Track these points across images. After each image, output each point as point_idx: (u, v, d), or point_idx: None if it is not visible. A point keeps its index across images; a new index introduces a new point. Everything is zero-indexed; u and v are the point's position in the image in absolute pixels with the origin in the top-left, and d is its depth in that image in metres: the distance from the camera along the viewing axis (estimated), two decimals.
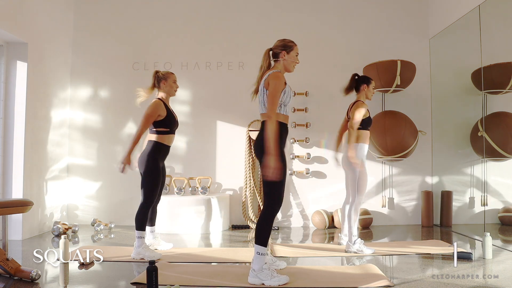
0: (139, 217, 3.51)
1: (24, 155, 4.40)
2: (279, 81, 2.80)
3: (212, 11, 5.56)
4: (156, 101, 3.62)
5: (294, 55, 2.97)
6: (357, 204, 3.79)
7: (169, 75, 3.71)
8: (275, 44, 3.00)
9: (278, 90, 2.78)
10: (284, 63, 2.95)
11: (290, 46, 2.96)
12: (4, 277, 2.91)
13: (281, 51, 2.94)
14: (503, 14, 4.51)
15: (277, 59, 2.95)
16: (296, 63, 2.99)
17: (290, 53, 2.95)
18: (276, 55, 2.96)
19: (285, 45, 2.96)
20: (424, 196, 5.33)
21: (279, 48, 2.95)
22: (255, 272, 2.76)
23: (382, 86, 5.08)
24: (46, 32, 4.86)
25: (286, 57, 2.94)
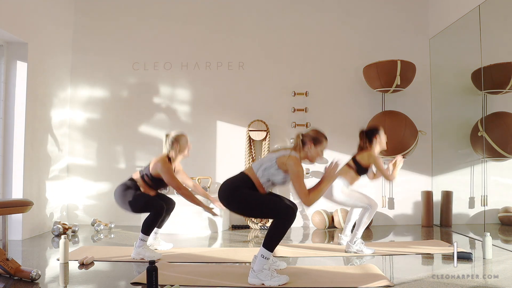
0: (148, 223, 3.50)
1: (24, 155, 4.41)
2: (301, 168, 2.84)
3: (212, 11, 5.56)
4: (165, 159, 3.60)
5: (319, 150, 3.00)
6: (373, 212, 3.78)
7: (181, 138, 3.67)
8: (307, 132, 3.05)
9: (301, 174, 2.83)
10: (308, 153, 2.98)
11: (320, 141, 2.99)
12: (4, 277, 2.91)
13: (309, 142, 2.97)
14: (503, 14, 4.51)
15: (304, 147, 2.98)
16: (319, 158, 3.02)
17: (317, 147, 2.98)
18: (304, 143, 2.98)
19: (316, 138, 2.99)
20: (424, 196, 5.33)
21: (308, 138, 2.99)
22: (255, 272, 2.76)
23: (382, 86, 5.08)
24: (46, 32, 4.86)
25: (312, 149, 2.97)
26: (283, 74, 5.49)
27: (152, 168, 3.58)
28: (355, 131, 5.29)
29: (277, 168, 2.86)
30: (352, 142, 5.21)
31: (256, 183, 2.89)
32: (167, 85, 5.52)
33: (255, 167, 2.93)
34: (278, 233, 2.76)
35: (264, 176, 2.88)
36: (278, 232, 2.76)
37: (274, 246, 2.77)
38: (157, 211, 3.48)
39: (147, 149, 5.42)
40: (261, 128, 5.32)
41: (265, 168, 2.88)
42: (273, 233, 2.76)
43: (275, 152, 2.97)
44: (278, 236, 2.76)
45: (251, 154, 5.33)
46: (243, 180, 2.90)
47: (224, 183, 2.94)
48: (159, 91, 5.49)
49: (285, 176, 2.88)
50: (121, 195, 3.59)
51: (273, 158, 2.89)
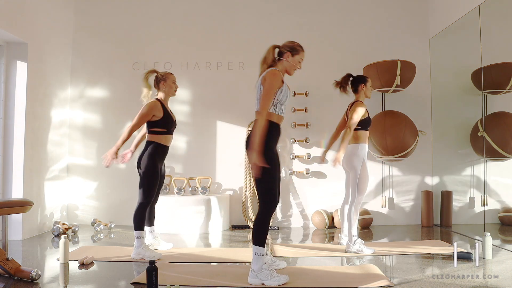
0: (137, 217, 3.51)
1: (24, 155, 4.41)
2: (276, 79, 2.78)
3: (212, 11, 5.56)
4: (153, 101, 3.61)
5: (298, 60, 2.94)
6: (357, 204, 3.80)
7: (168, 76, 3.71)
8: (284, 43, 2.97)
9: (273, 87, 2.76)
10: (285, 65, 2.93)
11: (297, 50, 2.94)
12: (4, 277, 2.91)
13: (287, 52, 2.92)
14: (503, 14, 4.51)
15: (281, 58, 2.93)
16: (297, 68, 2.97)
17: (295, 57, 2.93)
18: (281, 54, 2.93)
19: (293, 47, 2.94)
20: (424, 196, 5.33)
21: (286, 48, 2.93)
22: (255, 272, 2.76)
23: (382, 86, 5.08)
24: (46, 32, 4.86)
25: (290, 59, 2.91)
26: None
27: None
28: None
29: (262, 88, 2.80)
30: None
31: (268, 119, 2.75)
32: None
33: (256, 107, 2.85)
34: (261, 224, 2.77)
35: None
36: (262, 223, 2.78)
37: (263, 241, 2.77)
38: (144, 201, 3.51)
39: None
40: None
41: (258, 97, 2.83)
42: (257, 227, 2.78)
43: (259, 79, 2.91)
44: (262, 228, 2.77)
45: None
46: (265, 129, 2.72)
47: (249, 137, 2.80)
48: None
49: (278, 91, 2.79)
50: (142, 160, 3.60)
51: (258, 83, 2.85)
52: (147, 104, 3.60)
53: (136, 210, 3.53)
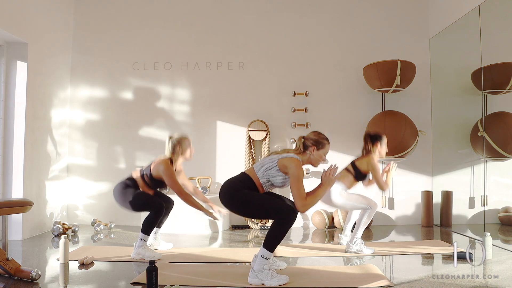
0: (148, 222, 3.50)
1: (24, 155, 4.41)
2: (301, 170, 2.85)
3: (212, 12, 5.56)
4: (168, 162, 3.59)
5: (323, 154, 3.00)
6: (373, 212, 3.78)
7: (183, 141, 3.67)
8: (309, 135, 3.02)
9: (302, 177, 2.84)
10: (310, 157, 2.98)
11: (322, 144, 2.98)
12: (4, 277, 2.91)
13: (312, 146, 2.96)
14: (503, 14, 4.51)
15: (306, 150, 2.98)
16: (322, 161, 3.02)
17: (320, 151, 2.98)
18: (306, 147, 2.97)
19: (318, 141, 2.98)
20: (424, 196, 5.33)
21: (310, 142, 2.98)
22: (255, 272, 2.76)
23: (382, 86, 5.08)
24: (46, 32, 4.86)
25: (314, 153, 2.96)
26: (283, 74, 5.49)
27: (154, 169, 3.59)
28: (355, 131, 5.33)
29: (277, 169, 2.86)
30: (352, 142, 5.24)
31: (256, 183, 2.89)
32: (167, 85, 5.51)
33: (256, 167, 2.94)
34: (278, 234, 2.75)
35: (264, 176, 2.88)
36: (279, 233, 2.75)
37: (274, 247, 2.77)
38: (157, 209, 3.48)
39: (147, 149, 5.42)
40: (261, 128, 5.32)
41: (266, 169, 2.88)
42: (274, 233, 2.76)
43: (277, 153, 2.96)
44: (278, 237, 2.75)
45: (251, 154, 5.33)
46: (244, 180, 2.90)
47: (225, 183, 2.94)
48: (159, 91, 5.49)
49: (285, 178, 2.88)
50: (121, 193, 3.59)
51: (275, 159, 2.89)
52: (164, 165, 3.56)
53: (149, 216, 3.51)
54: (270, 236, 2.76)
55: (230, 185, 2.91)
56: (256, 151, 5.41)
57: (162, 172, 3.53)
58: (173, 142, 3.65)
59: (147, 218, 3.50)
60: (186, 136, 3.74)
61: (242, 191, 2.85)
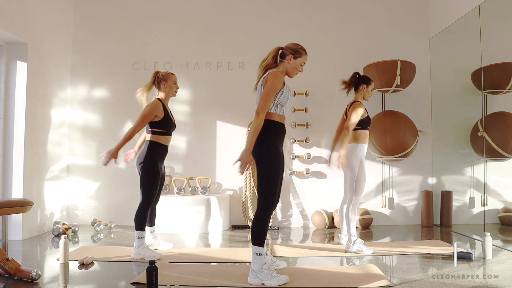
0: (139, 217, 3.52)
1: (24, 155, 4.41)
2: (278, 81, 2.78)
3: (212, 11, 5.56)
4: (154, 101, 3.62)
5: (300, 63, 2.94)
6: (355, 204, 3.80)
7: (169, 76, 3.70)
8: (287, 45, 2.97)
9: (274, 89, 2.77)
10: (287, 66, 2.93)
11: (299, 53, 2.93)
12: (4, 277, 2.91)
13: (289, 54, 2.92)
14: (503, 14, 4.51)
15: (283, 60, 2.93)
16: (298, 71, 2.97)
17: (297, 59, 2.92)
18: (283, 56, 2.93)
19: (296, 50, 2.93)
20: (424, 196, 5.33)
21: (288, 50, 2.93)
22: (255, 272, 2.76)
23: (382, 86, 5.08)
24: (46, 32, 4.86)
25: (291, 62, 2.91)
26: None
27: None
28: None
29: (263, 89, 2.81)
30: None
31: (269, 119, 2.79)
32: None
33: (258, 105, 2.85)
34: (261, 225, 2.77)
35: None
36: (261, 224, 2.77)
37: (262, 240, 2.77)
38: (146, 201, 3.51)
39: None
40: None
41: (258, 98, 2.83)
42: (255, 227, 2.78)
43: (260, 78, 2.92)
44: (261, 228, 2.77)
45: None
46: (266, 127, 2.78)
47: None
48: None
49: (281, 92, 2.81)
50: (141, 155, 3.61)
51: (260, 84, 2.86)
52: (149, 104, 3.60)
53: (137, 210, 3.53)
54: (253, 232, 2.78)
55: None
56: None
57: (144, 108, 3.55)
58: (159, 77, 3.67)
59: (136, 213, 3.52)
60: (172, 73, 3.76)
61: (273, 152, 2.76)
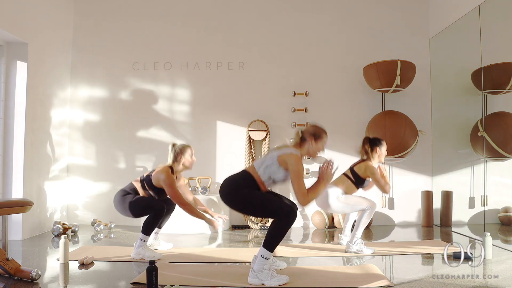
0: (149, 223, 3.49)
1: (24, 155, 4.40)
2: (300, 165, 2.84)
3: (212, 11, 5.56)
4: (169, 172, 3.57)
5: (321, 145, 3.01)
6: (372, 212, 3.78)
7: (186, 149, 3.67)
8: (307, 128, 3.04)
9: (301, 172, 2.84)
10: (309, 149, 2.98)
11: (320, 136, 2.99)
12: (4, 277, 2.91)
13: (310, 137, 2.97)
14: (503, 14, 4.51)
15: (304, 142, 2.99)
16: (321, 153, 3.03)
17: (318, 142, 2.98)
18: (304, 139, 2.99)
19: (316, 133, 2.99)
20: (424, 196, 5.33)
21: (308, 134, 2.99)
22: (255, 272, 2.76)
23: (382, 86, 5.08)
24: (46, 32, 4.86)
25: (313, 145, 2.97)
26: (283, 74, 5.49)
27: (154, 177, 3.58)
28: (355, 131, 5.33)
29: (278, 165, 2.86)
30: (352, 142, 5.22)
31: (257, 181, 2.89)
32: (167, 85, 5.51)
33: (256, 165, 2.93)
34: (278, 233, 2.75)
35: (266, 174, 2.88)
36: (279, 232, 2.75)
37: (274, 246, 2.77)
38: (157, 211, 3.48)
39: (147, 149, 5.43)
40: (261, 128, 5.32)
41: (267, 166, 2.88)
42: (274, 233, 2.76)
43: (276, 150, 2.97)
44: (278, 236, 2.75)
45: (251, 154, 5.33)
46: (245, 178, 2.90)
47: (225, 181, 2.95)
48: (159, 91, 5.49)
49: (286, 174, 2.88)
50: (120, 200, 3.58)
51: (275, 156, 2.89)
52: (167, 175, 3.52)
53: (150, 217, 3.51)
54: (270, 236, 2.76)
55: (231, 182, 2.92)
56: (256, 151, 5.41)
57: (163, 181, 3.52)
58: (175, 150, 3.65)
59: (148, 219, 3.50)
60: (189, 145, 3.75)
61: (243, 189, 2.85)
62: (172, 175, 3.58)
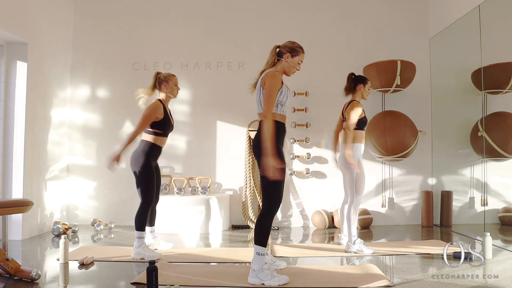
0: (139, 217, 3.52)
1: (24, 155, 4.41)
2: (275, 80, 2.78)
3: (212, 11, 5.56)
4: (155, 103, 3.61)
5: (297, 61, 2.95)
6: (356, 204, 3.79)
7: (171, 78, 3.70)
8: (284, 43, 2.98)
9: (274, 89, 2.77)
10: (284, 65, 2.93)
11: (296, 51, 2.94)
12: (4, 277, 2.91)
13: (286, 53, 2.92)
14: (503, 14, 4.51)
15: (280, 58, 2.93)
16: (296, 70, 2.98)
17: (294, 58, 2.93)
18: (281, 54, 2.93)
19: (293, 48, 2.94)
20: (424, 196, 5.33)
21: (285, 49, 2.93)
22: (255, 272, 2.76)
23: (382, 86, 5.08)
24: (46, 32, 4.86)
25: (289, 60, 2.92)
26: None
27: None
28: None
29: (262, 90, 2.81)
30: None
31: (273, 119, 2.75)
32: None
33: (258, 109, 2.86)
34: (264, 226, 2.77)
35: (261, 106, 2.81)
36: (264, 225, 2.77)
37: (265, 240, 2.77)
38: (146, 202, 3.51)
39: None
40: None
41: (260, 100, 2.83)
42: (259, 227, 2.77)
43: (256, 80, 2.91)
44: (265, 229, 2.77)
45: (251, 154, 5.32)
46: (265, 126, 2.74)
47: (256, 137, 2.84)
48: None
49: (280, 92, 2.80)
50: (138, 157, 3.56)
51: (259, 86, 2.86)
52: (150, 106, 3.59)
53: (138, 210, 3.53)
54: (257, 231, 2.78)
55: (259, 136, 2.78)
56: None
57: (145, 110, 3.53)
58: (160, 78, 3.66)
59: (137, 213, 3.52)
60: (174, 74, 3.76)
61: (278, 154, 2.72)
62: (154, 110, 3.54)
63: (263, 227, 2.77)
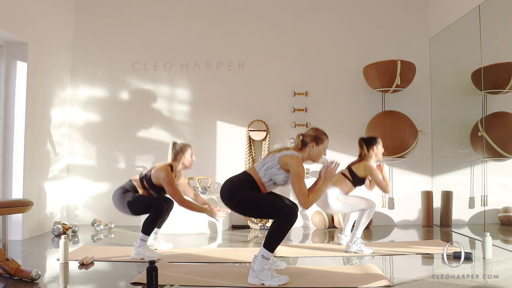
0: (148, 224, 3.50)
1: (24, 155, 4.41)
2: (302, 170, 2.85)
3: (212, 11, 5.56)
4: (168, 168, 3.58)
5: (323, 149, 3.01)
6: (371, 211, 3.78)
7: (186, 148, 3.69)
8: (307, 131, 3.06)
9: (303, 174, 2.84)
10: (310, 153, 2.99)
11: (321, 139, 3.01)
12: (4, 277, 2.91)
13: (311, 142, 2.98)
14: (503, 14, 4.51)
15: (305, 147, 2.99)
16: (322, 157, 3.03)
17: (319, 146, 2.99)
18: (305, 144, 2.99)
19: (316, 137, 3.00)
20: (424, 196, 5.33)
21: (309, 138, 3.00)
22: (255, 272, 2.76)
23: (382, 86, 5.08)
24: (46, 32, 4.86)
25: (314, 149, 2.98)
26: (283, 74, 5.49)
27: (154, 175, 3.58)
28: (355, 131, 5.33)
29: (279, 167, 2.86)
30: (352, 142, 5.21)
31: (258, 183, 2.89)
32: (167, 85, 5.52)
33: (257, 166, 2.94)
34: (279, 234, 2.75)
35: (266, 175, 2.88)
36: (279, 233, 2.75)
37: (274, 247, 2.77)
38: (157, 211, 3.48)
39: (147, 149, 5.43)
40: (261, 128, 5.32)
41: (267, 168, 2.88)
42: (274, 233, 2.76)
43: (277, 152, 2.97)
44: (279, 237, 2.75)
45: (251, 154, 5.33)
46: (246, 179, 2.90)
47: (226, 182, 2.95)
48: (159, 91, 5.49)
49: (286, 176, 2.88)
50: (119, 198, 3.59)
51: (276, 158, 2.89)
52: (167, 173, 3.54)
53: (149, 217, 3.51)
54: (270, 236, 2.76)
55: (231, 184, 2.92)
56: (256, 151, 5.41)
57: (162, 179, 3.52)
58: (176, 149, 3.66)
59: (148, 218, 3.50)
60: (189, 144, 3.76)
61: (242, 190, 2.85)
62: (172, 173, 3.58)
63: (278, 235, 2.75)
